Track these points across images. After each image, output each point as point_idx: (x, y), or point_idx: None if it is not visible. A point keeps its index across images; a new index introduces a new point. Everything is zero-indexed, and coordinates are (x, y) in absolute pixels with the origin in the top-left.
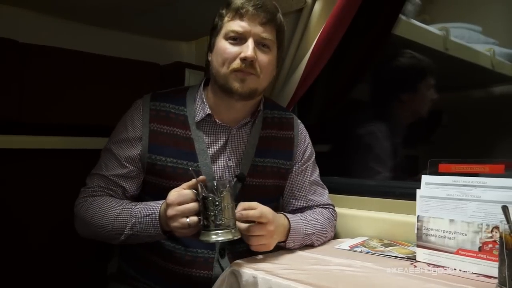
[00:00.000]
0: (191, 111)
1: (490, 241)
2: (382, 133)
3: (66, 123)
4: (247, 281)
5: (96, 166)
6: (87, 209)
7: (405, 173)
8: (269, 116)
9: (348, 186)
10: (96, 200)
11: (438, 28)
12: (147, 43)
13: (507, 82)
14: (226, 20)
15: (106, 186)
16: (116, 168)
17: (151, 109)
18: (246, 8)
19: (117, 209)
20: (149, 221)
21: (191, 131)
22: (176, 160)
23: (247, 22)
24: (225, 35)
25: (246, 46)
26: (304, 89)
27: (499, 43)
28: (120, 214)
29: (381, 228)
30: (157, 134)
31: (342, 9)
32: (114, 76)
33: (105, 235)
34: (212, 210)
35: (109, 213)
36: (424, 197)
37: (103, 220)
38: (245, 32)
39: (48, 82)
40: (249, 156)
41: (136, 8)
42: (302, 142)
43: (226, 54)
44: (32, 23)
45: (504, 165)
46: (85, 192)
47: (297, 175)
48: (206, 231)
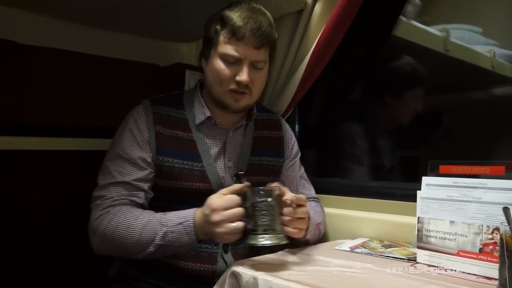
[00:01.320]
0: (190, 114)
1: (491, 242)
2: (380, 135)
3: (66, 124)
4: (248, 282)
5: (104, 176)
6: (110, 221)
7: (405, 175)
8: (259, 118)
9: (349, 188)
10: (119, 210)
11: (439, 29)
12: (147, 44)
13: (507, 84)
14: (222, 39)
15: (129, 193)
16: (135, 172)
17: (153, 112)
18: (243, 33)
19: (144, 218)
20: (183, 229)
21: (193, 133)
22: (182, 161)
23: (243, 46)
24: (221, 56)
25: (241, 70)
26: (304, 91)
27: (500, 44)
28: (148, 224)
29: (381, 229)
30: (162, 137)
31: (342, 10)
32: (114, 77)
33: (130, 247)
34: (261, 214)
35: (135, 222)
36: (425, 199)
37: (129, 230)
38: (240, 56)
39: (49, 84)
40: (245, 156)
41: (136, 9)
42: (289, 140)
43: (222, 75)
44: (33, 25)
45: (504, 167)
46: (103, 204)
47: (287, 171)
48: (253, 234)
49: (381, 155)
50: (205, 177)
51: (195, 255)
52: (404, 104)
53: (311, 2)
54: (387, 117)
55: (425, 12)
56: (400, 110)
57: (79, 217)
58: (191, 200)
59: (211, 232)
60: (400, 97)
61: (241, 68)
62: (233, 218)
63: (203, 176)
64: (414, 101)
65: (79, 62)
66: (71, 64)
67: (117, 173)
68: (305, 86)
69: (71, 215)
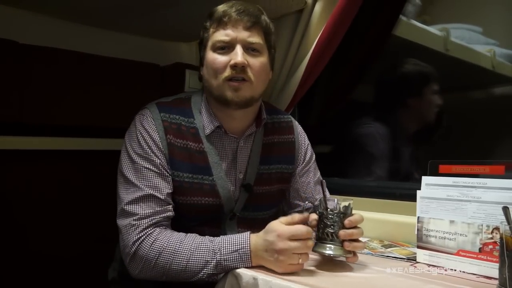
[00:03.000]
0: (200, 123)
1: (491, 242)
2: (381, 135)
3: (66, 124)
4: (248, 283)
5: (127, 190)
6: (152, 246)
7: (405, 174)
8: (269, 121)
9: (349, 187)
10: (160, 233)
11: (439, 29)
12: (148, 44)
13: (507, 83)
14: (211, 31)
15: (162, 209)
16: (162, 183)
17: (163, 121)
18: (229, 15)
19: (191, 243)
20: (238, 257)
21: (204, 144)
22: (192, 175)
23: (232, 29)
24: (212, 47)
25: (235, 53)
26: (304, 90)
27: (500, 44)
28: (197, 250)
29: (381, 229)
30: (174, 148)
31: (342, 10)
32: (114, 77)
33: (176, 274)
34: (331, 224)
35: (182, 248)
36: (424, 198)
37: (175, 256)
38: (232, 40)
39: (49, 83)
40: (254, 164)
41: (136, 9)
42: (302, 144)
43: (216, 65)
44: (33, 24)
45: (504, 166)
46: (139, 225)
47: (301, 177)
48: (321, 243)
49: (382, 155)
50: (215, 191)
51: None
52: (412, 106)
53: (311, 1)
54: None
55: (425, 12)
56: (409, 112)
57: (79, 216)
58: (200, 216)
59: (271, 259)
60: (408, 99)
61: (233, 52)
62: (299, 250)
63: (213, 191)
64: (422, 102)
65: (79, 62)
66: (71, 64)
67: (144, 185)
68: (306, 85)
69: (71, 214)
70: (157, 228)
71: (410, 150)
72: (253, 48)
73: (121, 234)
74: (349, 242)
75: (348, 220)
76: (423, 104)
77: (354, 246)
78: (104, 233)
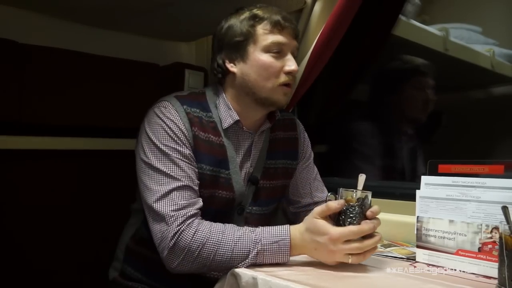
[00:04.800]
0: (217, 117)
1: (490, 241)
2: (379, 134)
3: (65, 124)
4: (247, 282)
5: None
6: (194, 237)
7: (404, 174)
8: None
9: (348, 187)
10: (200, 224)
11: (438, 28)
12: (147, 43)
13: (506, 83)
14: (262, 32)
15: (197, 200)
16: (195, 176)
17: (187, 113)
18: (283, 24)
19: (233, 233)
20: (278, 248)
21: (223, 138)
22: (212, 168)
23: (286, 36)
24: (266, 48)
25: (289, 59)
26: (304, 90)
27: (499, 43)
28: (239, 240)
29: (380, 229)
30: (198, 140)
31: (342, 9)
32: (113, 77)
33: (219, 264)
34: (352, 215)
35: (225, 239)
36: (424, 198)
37: (220, 247)
38: (286, 45)
39: (48, 83)
40: (261, 159)
41: (135, 8)
42: (303, 141)
43: (272, 68)
44: (32, 24)
45: (503, 166)
46: (177, 216)
47: (301, 173)
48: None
49: (382, 155)
50: (230, 185)
51: None
52: (408, 102)
53: (310, 1)
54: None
55: (424, 12)
56: (405, 109)
57: (80, 216)
58: (210, 210)
59: (319, 254)
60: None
61: (287, 58)
62: (351, 251)
63: (228, 184)
64: (416, 99)
65: (78, 61)
66: (70, 63)
67: (179, 175)
68: (305, 85)
69: (71, 214)
70: (196, 219)
71: (406, 148)
72: (295, 55)
73: (155, 227)
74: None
75: (370, 211)
76: (415, 99)
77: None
78: (105, 233)
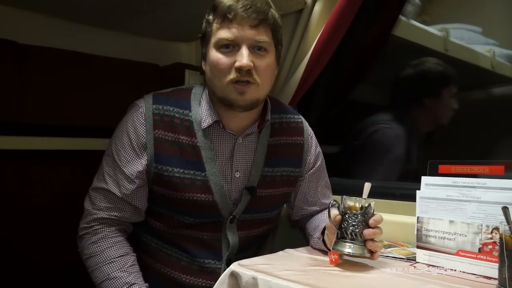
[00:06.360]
0: (197, 115)
1: (490, 242)
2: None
3: (66, 124)
4: (247, 282)
5: (98, 176)
6: (88, 245)
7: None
8: (277, 121)
9: (348, 187)
10: (104, 239)
11: (438, 29)
12: (147, 44)
13: (507, 83)
14: (215, 27)
15: (114, 206)
16: (124, 184)
17: (154, 114)
18: (235, 11)
19: (112, 268)
20: None
21: (197, 138)
22: (183, 170)
23: (238, 26)
24: (216, 44)
25: (240, 54)
26: (304, 90)
27: (499, 44)
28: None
29: None
30: (162, 142)
31: (342, 10)
32: (113, 77)
33: (94, 279)
34: (354, 223)
35: (105, 267)
36: (424, 198)
37: (96, 271)
38: (237, 39)
39: (48, 83)
40: (258, 166)
41: (135, 9)
42: (312, 148)
43: (220, 66)
44: (32, 24)
45: (504, 166)
46: (90, 215)
47: (311, 182)
48: (341, 242)
49: (399, 156)
50: (207, 188)
51: (197, 270)
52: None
53: (310, 1)
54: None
55: (424, 12)
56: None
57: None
58: (194, 213)
59: None
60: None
61: (240, 52)
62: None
63: (205, 187)
64: (444, 107)
65: (78, 62)
66: (70, 64)
67: (109, 178)
68: (306, 85)
69: (70, 214)
70: (106, 229)
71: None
72: (260, 47)
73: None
74: (371, 242)
75: (373, 220)
76: (443, 107)
77: (376, 245)
78: None
